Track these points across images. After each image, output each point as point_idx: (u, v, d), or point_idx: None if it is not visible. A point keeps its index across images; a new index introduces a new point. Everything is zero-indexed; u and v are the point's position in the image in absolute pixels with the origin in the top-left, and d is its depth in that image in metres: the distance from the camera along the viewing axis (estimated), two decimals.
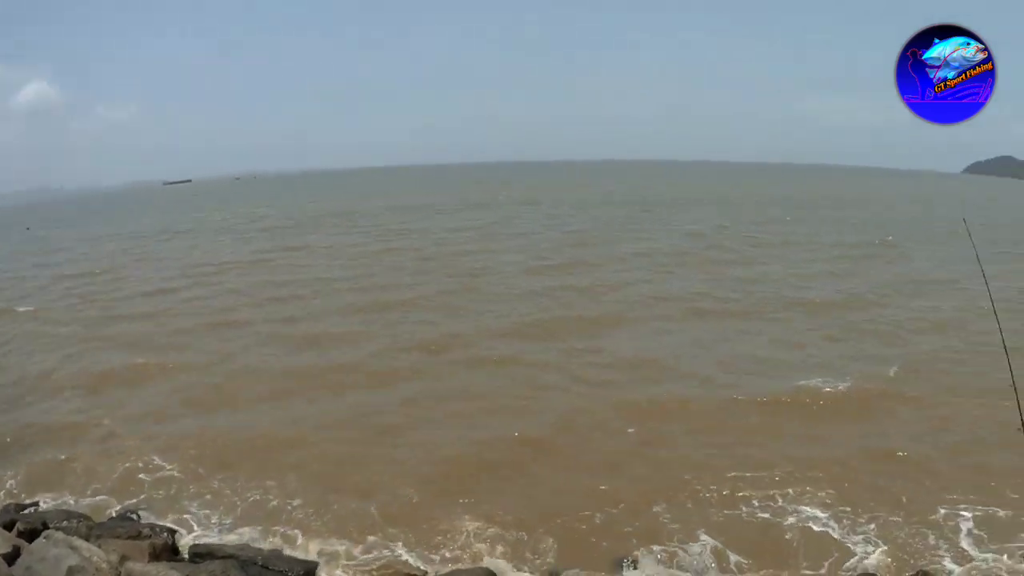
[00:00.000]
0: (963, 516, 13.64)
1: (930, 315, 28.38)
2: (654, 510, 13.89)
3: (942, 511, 13.83)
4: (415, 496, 14.41)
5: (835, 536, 13.21)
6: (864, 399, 19.23)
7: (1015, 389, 8.50)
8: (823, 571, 12.24)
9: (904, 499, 14.37)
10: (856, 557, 12.57)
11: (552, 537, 13.00)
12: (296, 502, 14.38)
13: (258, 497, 14.70)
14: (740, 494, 14.47)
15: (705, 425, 17.63)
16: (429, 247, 47.53)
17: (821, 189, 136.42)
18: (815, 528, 13.43)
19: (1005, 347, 9.19)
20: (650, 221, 65.14)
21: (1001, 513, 13.65)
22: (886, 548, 12.80)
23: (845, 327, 26.32)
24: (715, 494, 14.47)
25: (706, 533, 13.23)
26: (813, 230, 59.04)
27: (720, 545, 12.85)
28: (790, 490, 14.56)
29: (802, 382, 20.33)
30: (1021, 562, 12.28)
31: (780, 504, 14.17)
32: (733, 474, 15.13)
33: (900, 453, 16.31)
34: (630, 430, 17.34)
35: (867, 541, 13.01)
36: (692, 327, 26.26)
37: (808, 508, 14.01)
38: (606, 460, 15.93)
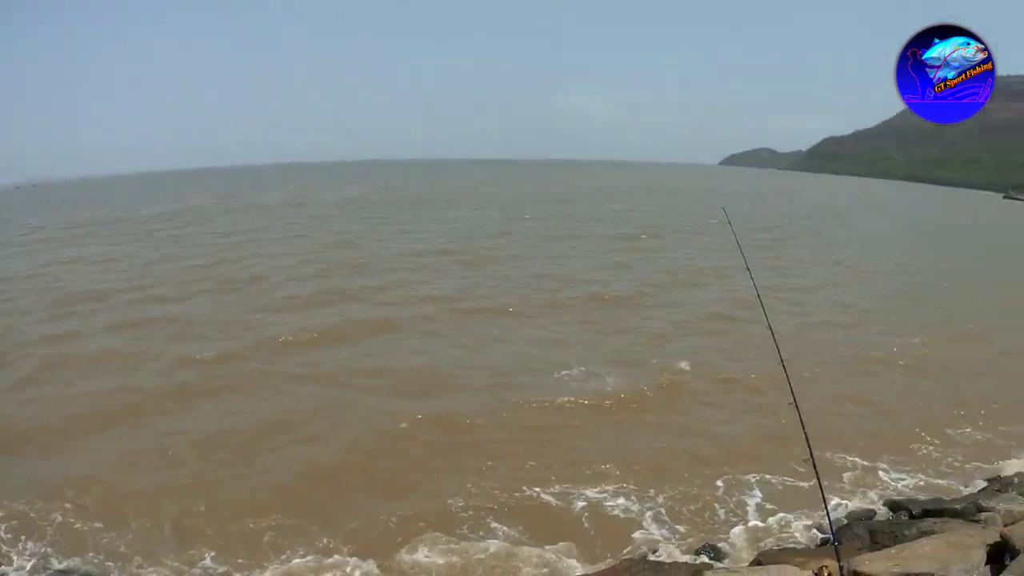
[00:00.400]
0: (749, 489, 14.95)
1: (699, 306, 30.67)
2: (447, 503, 14.29)
3: (727, 486, 15.08)
4: (216, 519, 14.07)
5: (625, 517, 14.01)
6: (639, 392, 20.34)
7: (784, 368, 9.65)
8: (625, 550, 12.92)
9: (686, 474, 15.53)
10: (648, 534, 13.45)
11: (351, 542, 13.11)
12: (98, 524, 13.89)
13: (66, 525, 13.96)
14: (525, 486, 15.04)
15: (488, 426, 18.06)
16: (200, 255, 45.27)
17: (580, 184, 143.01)
18: (606, 511, 14.19)
19: (772, 331, 10.32)
20: (415, 220, 65.91)
21: (784, 482, 15.08)
22: (677, 525, 13.76)
23: (614, 322, 27.75)
24: (503, 487, 14.98)
25: (496, 521, 13.78)
26: (575, 225, 61.83)
27: (513, 531, 13.42)
28: (576, 479, 15.29)
29: (565, 373, 21.48)
30: (806, 530, 13.47)
31: (564, 491, 14.86)
32: (519, 471, 15.70)
33: (682, 437, 17.55)
34: (413, 437, 17.53)
35: (658, 520, 13.90)
36: (462, 328, 26.84)
37: (594, 493, 14.75)
38: (396, 470, 16.09)
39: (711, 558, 12.56)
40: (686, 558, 12.61)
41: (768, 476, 15.47)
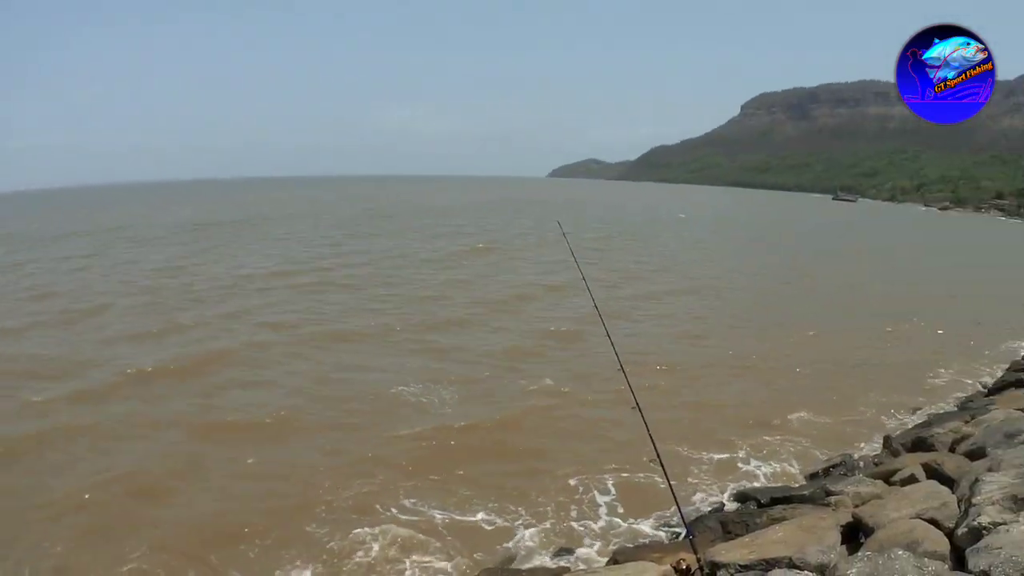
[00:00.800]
0: (604, 493, 15.42)
1: (540, 322, 31.17)
2: (307, 530, 14.15)
3: (583, 491, 15.53)
4: None
5: (485, 528, 14.25)
6: (487, 410, 20.45)
7: (624, 375, 10.21)
8: (481, 556, 13.21)
9: (542, 484, 15.82)
10: (507, 543, 13.68)
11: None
12: None
13: None
14: (380, 506, 15.03)
15: (336, 464, 17.45)
16: (32, 284, 41.81)
17: (407, 199, 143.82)
18: (465, 524, 14.35)
19: (611, 341, 11.00)
20: (245, 241, 64.63)
21: (638, 484, 15.62)
22: (536, 532, 14.02)
23: (457, 342, 27.77)
24: (361, 515, 14.81)
25: (367, 526, 13.99)
26: (411, 242, 62.25)
27: (380, 549, 13.40)
28: (431, 497, 15.36)
29: (404, 390, 21.72)
30: (660, 527, 13.99)
31: (418, 508, 14.93)
32: (376, 499, 15.43)
33: (533, 449, 17.94)
34: (262, 480, 16.82)
35: (517, 529, 14.16)
36: (300, 356, 26.14)
37: (452, 510, 14.85)
38: (253, 511, 15.30)
39: (569, 561, 12.90)
40: (545, 563, 12.92)
41: (623, 478, 16.00)
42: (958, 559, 8.56)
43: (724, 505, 14.81)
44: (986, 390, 22.40)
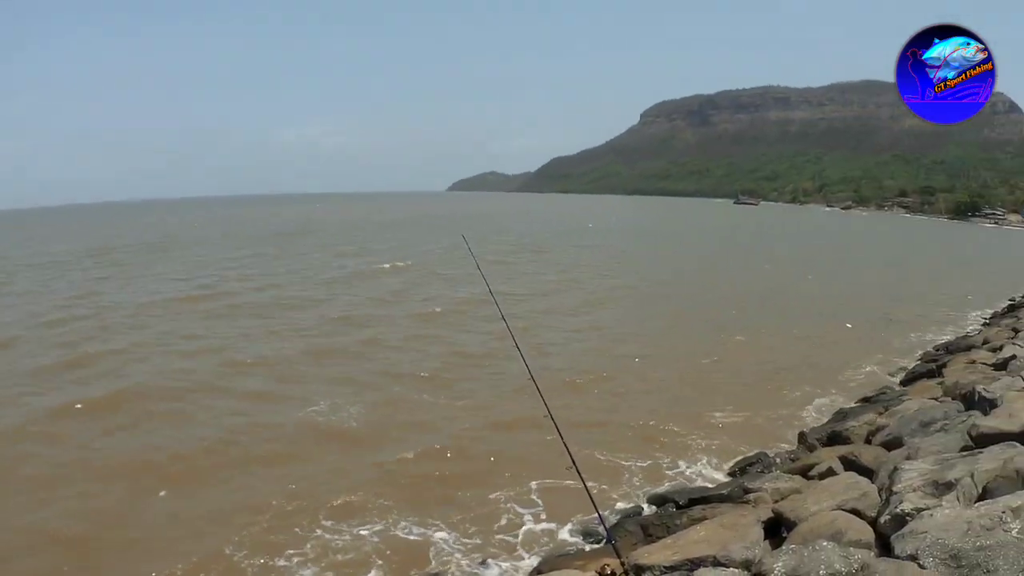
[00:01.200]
0: (527, 504, 15.54)
1: (453, 337, 31.27)
2: (226, 552, 13.98)
3: (505, 501, 15.65)
4: None
5: (409, 542, 14.27)
6: (401, 430, 20.38)
7: (536, 385, 10.29)
8: (410, 571, 13.24)
9: (464, 496, 15.97)
10: (430, 557, 13.69)
11: None
12: None
13: None
14: (300, 528, 14.90)
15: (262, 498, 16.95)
16: None
17: (307, 218, 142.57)
18: (390, 540, 14.32)
19: (521, 353, 11.18)
20: (150, 264, 62.96)
21: (559, 493, 15.56)
22: (459, 545, 14.04)
23: (377, 365, 27.40)
24: (278, 531, 14.80)
25: (298, 554, 13.79)
26: (307, 264, 61.56)
27: (319, 568, 13.36)
28: (353, 515, 15.38)
29: (314, 410, 21.70)
30: (582, 535, 14.12)
31: (338, 527, 14.89)
32: (296, 518, 15.39)
33: (455, 462, 17.99)
34: (161, 493, 16.91)
35: (441, 541, 14.18)
36: (225, 387, 25.31)
37: (371, 529, 14.78)
38: (164, 542, 14.80)
39: (495, 572, 12.98)
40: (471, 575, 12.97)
41: (544, 488, 16.10)
42: (883, 546, 8.78)
43: (643, 509, 14.99)
44: (899, 382, 23.17)
